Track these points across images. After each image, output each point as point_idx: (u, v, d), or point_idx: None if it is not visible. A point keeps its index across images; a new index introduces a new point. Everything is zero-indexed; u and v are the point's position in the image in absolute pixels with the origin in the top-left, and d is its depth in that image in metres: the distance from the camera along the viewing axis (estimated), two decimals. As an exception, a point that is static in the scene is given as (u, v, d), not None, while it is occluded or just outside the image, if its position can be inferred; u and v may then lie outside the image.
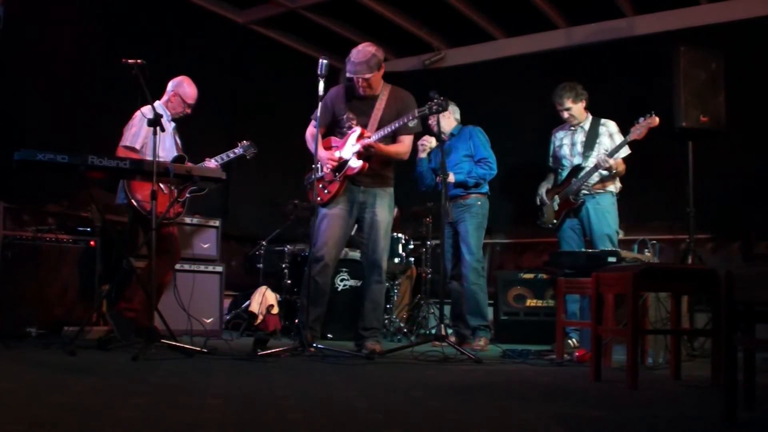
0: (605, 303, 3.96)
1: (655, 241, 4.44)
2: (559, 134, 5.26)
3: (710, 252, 5.97)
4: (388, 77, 8.01)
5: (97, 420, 2.03)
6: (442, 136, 5.13)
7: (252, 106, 7.05)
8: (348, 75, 4.33)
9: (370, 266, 4.41)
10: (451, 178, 5.11)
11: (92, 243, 4.78)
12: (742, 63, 5.64)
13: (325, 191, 4.37)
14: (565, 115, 5.09)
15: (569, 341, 4.95)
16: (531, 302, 5.97)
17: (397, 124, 4.27)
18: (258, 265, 6.06)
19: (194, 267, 5.40)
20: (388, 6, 6.78)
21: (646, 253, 4.29)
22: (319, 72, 4.17)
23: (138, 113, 4.44)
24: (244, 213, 6.89)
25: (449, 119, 5.42)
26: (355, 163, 4.29)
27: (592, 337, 3.46)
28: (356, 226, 4.64)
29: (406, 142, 4.44)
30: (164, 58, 5.44)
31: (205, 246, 5.58)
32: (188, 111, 4.70)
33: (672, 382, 3.42)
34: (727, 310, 2.36)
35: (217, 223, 5.69)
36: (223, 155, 4.81)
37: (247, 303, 5.69)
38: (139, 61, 4.02)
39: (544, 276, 5.98)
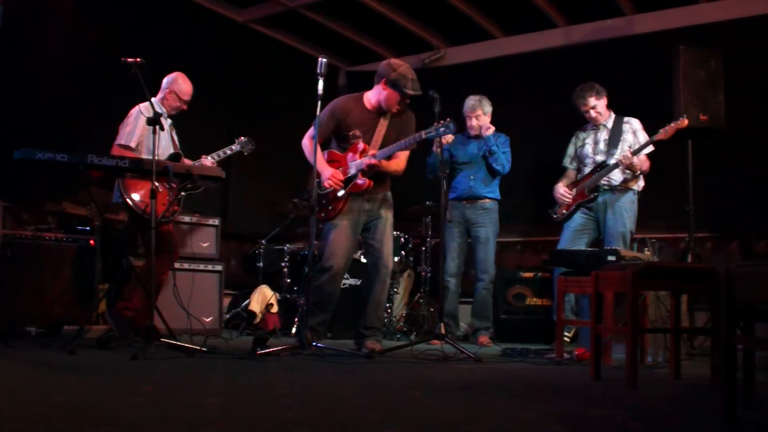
0: (605, 302, 3.96)
1: (654, 240, 4.44)
2: (582, 134, 5.22)
3: (710, 251, 5.97)
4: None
5: (96, 419, 2.03)
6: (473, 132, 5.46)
7: (251, 105, 7.04)
8: (408, 92, 4.21)
9: (378, 267, 4.41)
10: (490, 130, 5.37)
11: (92, 242, 4.78)
12: (741, 62, 5.63)
13: (330, 207, 4.38)
14: (592, 114, 5.05)
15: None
16: (531, 301, 5.98)
17: (404, 144, 4.26)
18: (258, 264, 6.06)
19: (194, 266, 5.41)
20: (388, 5, 6.78)
21: (646, 252, 4.29)
22: (318, 71, 4.18)
23: (133, 111, 4.44)
24: (244, 212, 6.89)
25: (487, 119, 5.52)
26: (361, 181, 4.31)
27: (591, 335, 3.45)
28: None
29: (402, 158, 4.44)
30: (163, 57, 5.44)
31: (205, 245, 5.58)
32: (184, 107, 4.70)
33: (671, 380, 3.42)
34: (726, 309, 2.36)
35: (216, 221, 5.69)
36: (220, 152, 4.81)
37: (246, 302, 5.69)
38: (138, 60, 4.03)
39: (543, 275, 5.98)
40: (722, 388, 2.30)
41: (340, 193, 4.32)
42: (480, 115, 5.43)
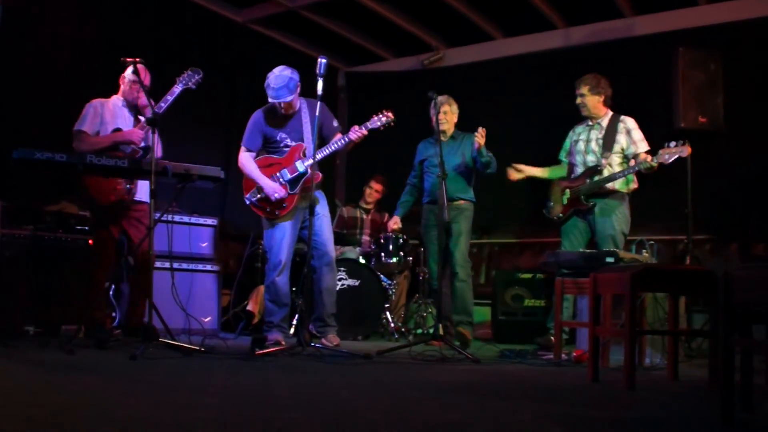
0: (603, 303, 3.96)
1: (652, 242, 4.44)
2: (578, 129, 5.18)
3: (708, 253, 5.97)
4: (387, 77, 8.04)
5: (94, 419, 2.03)
6: (443, 136, 5.27)
7: (251, 106, 7.00)
8: (270, 100, 4.59)
9: (321, 258, 4.67)
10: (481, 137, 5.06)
11: (90, 242, 4.77)
12: (740, 64, 5.64)
13: (283, 205, 4.63)
14: (578, 101, 5.03)
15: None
16: (529, 302, 5.98)
17: (347, 140, 4.54)
18: (255, 264, 6.06)
19: (192, 266, 5.41)
20: (387, 6, 6.78)
21: (644, 254, 4.30)
22: (318, 71, 4.20)
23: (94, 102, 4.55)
24: (241, 212, 6.87)
25: (454, 117, 5.42)
26: (313, 174, 4.49)
27: (589, 337, 3.46)
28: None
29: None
30: (163, 57, 5.43)
31: (203, 245, 5.58)
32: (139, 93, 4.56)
33: (669, 382, 3.43)
34: (724, 311, 2.36)
35: (214, 222, 5.69)
36: (166, 97, 4.45)
37: (244, 302, 5.69)
38: (137, 59, 4.03)
39: (542, 276, 5.97)
40: (720, 391, 2.30)
41: (295, 189, 4.62)
42: (447, 111, 5.34)
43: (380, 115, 4.52)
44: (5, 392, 2.50)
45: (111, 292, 4.90)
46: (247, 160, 4.74)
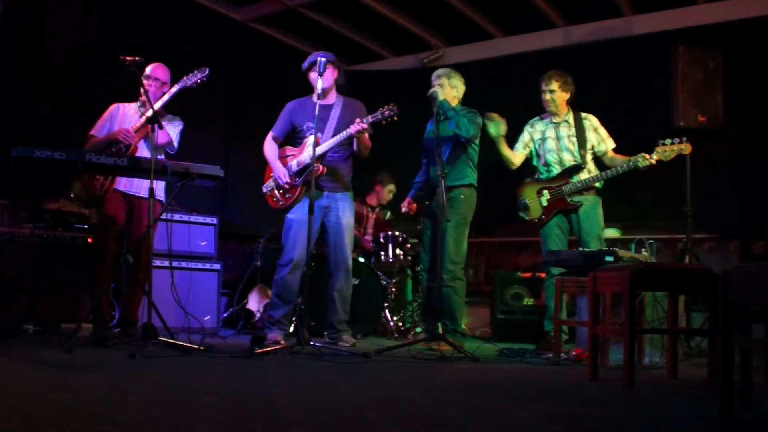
0: (602, 302, 3.97)
1: (652, 241, 4.44)
2: (538, 125, 5.10)
3: (707, 251, 5.97)
4: (387, 75, 8.03)
5: (93, 418, 2.03)
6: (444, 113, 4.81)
7: (250, 104, 7.04)
8: (311, 59, 4.65)
9: (337, 265, 4.70)
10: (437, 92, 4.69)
11: (89, 240, 4.78)
12: (740, 63, 5.64)
13: (287, 196, 4.70)
14: (546, 97, 4.97)
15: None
16: (528, 301, 5.98)
17: (351, 132, 4.48)
18: (256, 263, 6.06)
19: (192, 265, 5.41)
20: (387, 4, 6.78)
21: (644, 253, 4.29)
22: (318, 70, 4.20)
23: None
24: (242, 211, 6.89)
25: (453, 91, 4.87)
26: (317, 167, 4.47)
27: (589, 336, 3.46)
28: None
29: (365, 139, 4.70)
30: (162, 55, 5.43)
31: (203, 244, 5.58)
32: (150, 85, 4.63)
33: (669, 381, 3.43)
34: (723, 310, 2.36)
35: (214, 221, 5.69)
36: (163, 98, 4.51)
37: (244, 301, 5.69)
38: (137, 58, 4.03)
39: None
40: (719, 389, 2.30)
41: (297, 181, 4.68)
42: (444, 83, 4.80)
43: (383, 109, 4.42)
44: (3, 390, 2.50)
45: (110, 291, 4.90)
46: (268, 145, 4.83)
